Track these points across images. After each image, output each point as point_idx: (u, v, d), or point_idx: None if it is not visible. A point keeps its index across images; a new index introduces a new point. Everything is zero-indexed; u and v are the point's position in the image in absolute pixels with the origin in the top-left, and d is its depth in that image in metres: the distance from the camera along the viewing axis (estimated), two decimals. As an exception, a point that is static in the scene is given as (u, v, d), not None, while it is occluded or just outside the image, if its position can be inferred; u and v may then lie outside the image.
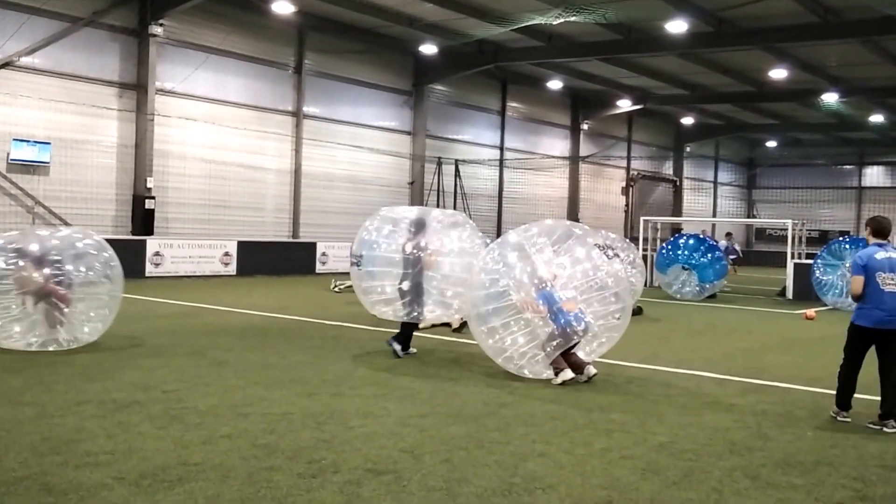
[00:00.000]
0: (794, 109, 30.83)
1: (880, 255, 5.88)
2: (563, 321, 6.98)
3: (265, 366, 7.40)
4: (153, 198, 17.73)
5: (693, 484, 4.41)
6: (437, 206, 24.61)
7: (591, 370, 7.10)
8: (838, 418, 6.03)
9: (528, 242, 7.32)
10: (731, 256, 19.63)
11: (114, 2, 17.09)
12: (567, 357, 7.07)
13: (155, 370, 7.00)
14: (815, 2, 17.51)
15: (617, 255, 7.64)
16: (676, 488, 4.32)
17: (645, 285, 17.51)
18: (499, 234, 26.45)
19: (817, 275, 15.50)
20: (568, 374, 7.00)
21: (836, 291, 15.03)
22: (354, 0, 18.78)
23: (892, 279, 5.79)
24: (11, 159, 15.88)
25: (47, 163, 16.39)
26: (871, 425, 5.81)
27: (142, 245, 16.98)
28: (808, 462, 4.92)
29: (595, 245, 7.44)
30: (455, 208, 24.93)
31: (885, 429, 5.73)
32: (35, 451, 4.54)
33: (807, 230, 22.20)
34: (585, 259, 7.34)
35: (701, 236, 17.80)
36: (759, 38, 19.72)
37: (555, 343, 6.97)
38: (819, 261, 15.64)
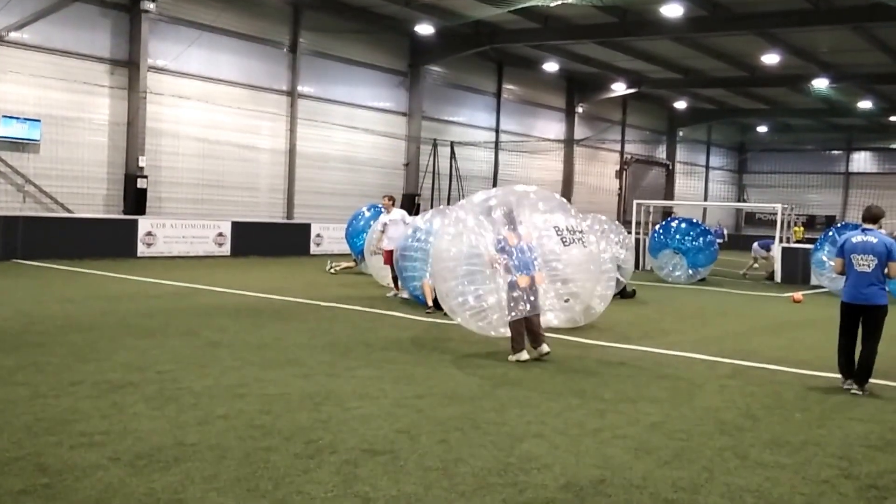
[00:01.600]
0: (785, 95, 30.91)
1: (856, 238, 6.48)
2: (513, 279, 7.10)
3: (261, 347, 7.42)
4: (145, 177, 17.60)
5: (684, 463, 4.49)
6: (433, 188, 24.63)
7: (545, 348, 7.26)
8: (844, 386, 6.51)
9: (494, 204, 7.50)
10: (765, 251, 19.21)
11: (104, -23, 16.86)
12: (529, 326, 7.21)
13: (149, 351, 6.99)
14: (808, -13, 17.54)
15: (581, 240, 7.59)
16: (668, 467, 4.40)
17: (637, 268, 17.62)
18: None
19: (820, 256, 15.42)
20: (524, 355, 7.16)
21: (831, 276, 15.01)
22: (349, -22, 18.61)
23: (864, 259, 6.39)
24: (0, 136, 15.70)
25: (37, 140, 16.21)
26: (848, 387, 6.49)
27: (133, 224, 16.89)
28: (795, 442, 5.01)
29: (554, 226, 7.57)
30: (450, 190, 24.96)
31: (850, 389, 6.45)
32: (29, 431, 4.53)
33: (795, 215, 22.28)
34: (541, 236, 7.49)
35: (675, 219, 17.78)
36: (752, 23, 19.76)
37: (514, 295, 7.05)
38: (825, 244, 15.54)
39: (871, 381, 6.68)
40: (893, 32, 20.64)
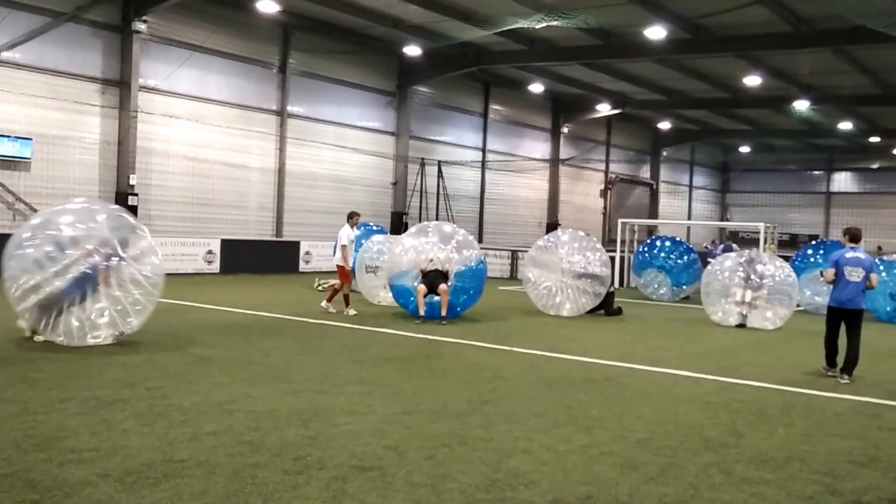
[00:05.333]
0: (767, 116, 31.44)
1: (849, 254, 7.98)
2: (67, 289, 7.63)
3: (249, 363, 7.44)
4: (136, 195, 17.59)
5: (670, 479, 4.55)
6: (420, 206, 24.77)
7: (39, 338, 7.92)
8: (828, 374, 8.03)
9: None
10: None
11: (96, -3, 16.96)
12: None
13: (138, 367, 6.99)
14: (789, 11, 17.91)
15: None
16: (654, 483, 4.46)
17: (621, 285, 17.76)
18: (480, 235, 26.63)
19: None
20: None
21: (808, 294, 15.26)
22: (339, 0, 18.82)
23: (855, 271, 7.87)
24: (-10, 155, 15.67)
25: (28, 158, 16.19)
26: (831, 374, 7.99)
27: (121, 243, 16.82)
28: (779, 458, 5.08)
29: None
30: (437, 209, 25.10)
31: (840, 379, 7.77)
32: (19, 447, 4.53)
33: (778, 233, 22.62)
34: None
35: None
36: (734, 45, 20.13)
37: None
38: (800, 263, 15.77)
39: (855, 398, 6.94)
40: (873, 55, 21.11)
